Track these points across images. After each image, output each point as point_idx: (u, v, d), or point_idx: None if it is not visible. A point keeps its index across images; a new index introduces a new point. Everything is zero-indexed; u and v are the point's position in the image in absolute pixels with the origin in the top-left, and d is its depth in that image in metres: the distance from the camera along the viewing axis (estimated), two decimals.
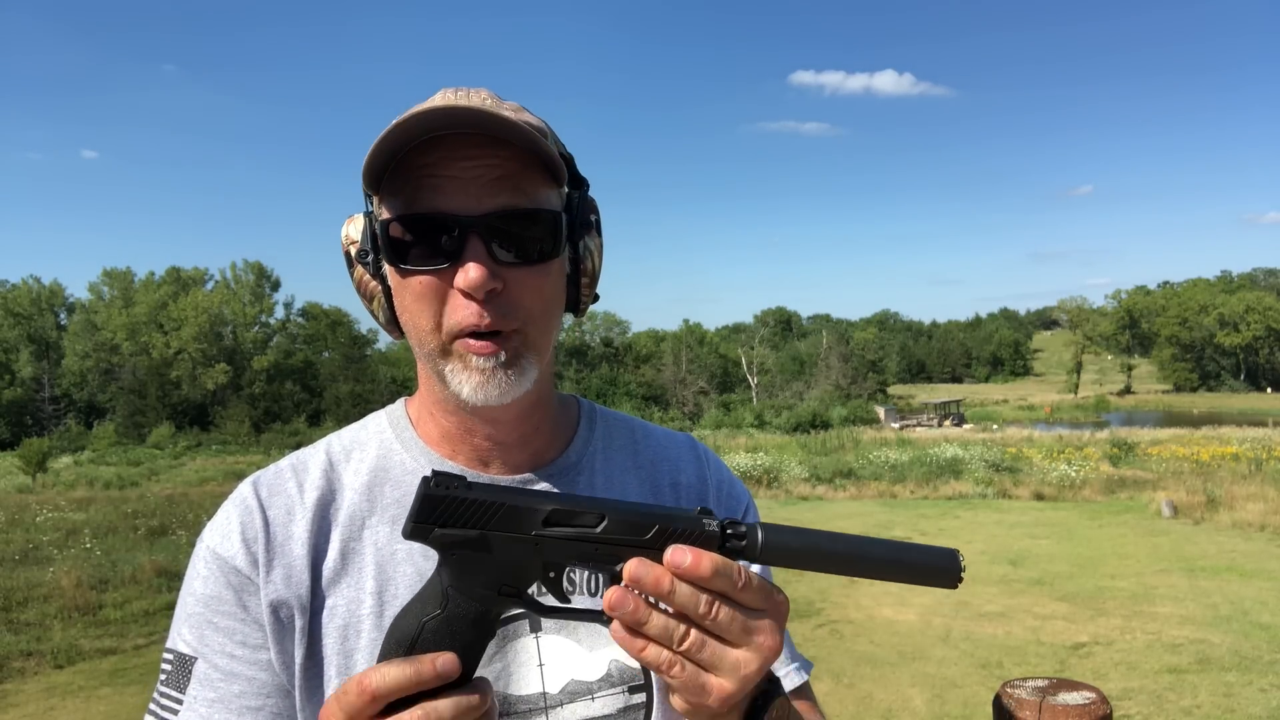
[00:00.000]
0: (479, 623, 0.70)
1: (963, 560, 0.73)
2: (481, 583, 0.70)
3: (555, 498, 0.71)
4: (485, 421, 0.95)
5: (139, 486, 26.75)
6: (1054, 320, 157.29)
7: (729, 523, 0.71)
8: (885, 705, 6.54)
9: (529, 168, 0.86)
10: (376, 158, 0.84)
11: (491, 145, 0.84)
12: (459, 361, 0.87)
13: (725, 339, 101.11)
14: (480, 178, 0.84)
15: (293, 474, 0.97)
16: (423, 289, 0.86)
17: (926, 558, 0.73)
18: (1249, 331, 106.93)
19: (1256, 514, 14.43)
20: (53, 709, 6.82)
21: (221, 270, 76.88)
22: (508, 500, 0.69)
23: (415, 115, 0.82)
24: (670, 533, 0.69)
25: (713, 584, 0.67)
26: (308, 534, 0.93)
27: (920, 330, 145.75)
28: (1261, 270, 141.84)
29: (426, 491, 0.68)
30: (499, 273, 0.84)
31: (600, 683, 0.93)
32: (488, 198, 0.84)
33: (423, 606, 0.70)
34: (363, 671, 0.68)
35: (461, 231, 0.83)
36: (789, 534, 0.71)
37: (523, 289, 0.86)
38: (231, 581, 0.91)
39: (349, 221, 0.95)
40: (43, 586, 10.54)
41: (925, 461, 22.63)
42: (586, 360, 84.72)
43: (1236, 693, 6.63)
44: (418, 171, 0.84)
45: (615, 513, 0.70)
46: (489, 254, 0.84)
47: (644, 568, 0.67)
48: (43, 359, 74.27)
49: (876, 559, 0.72)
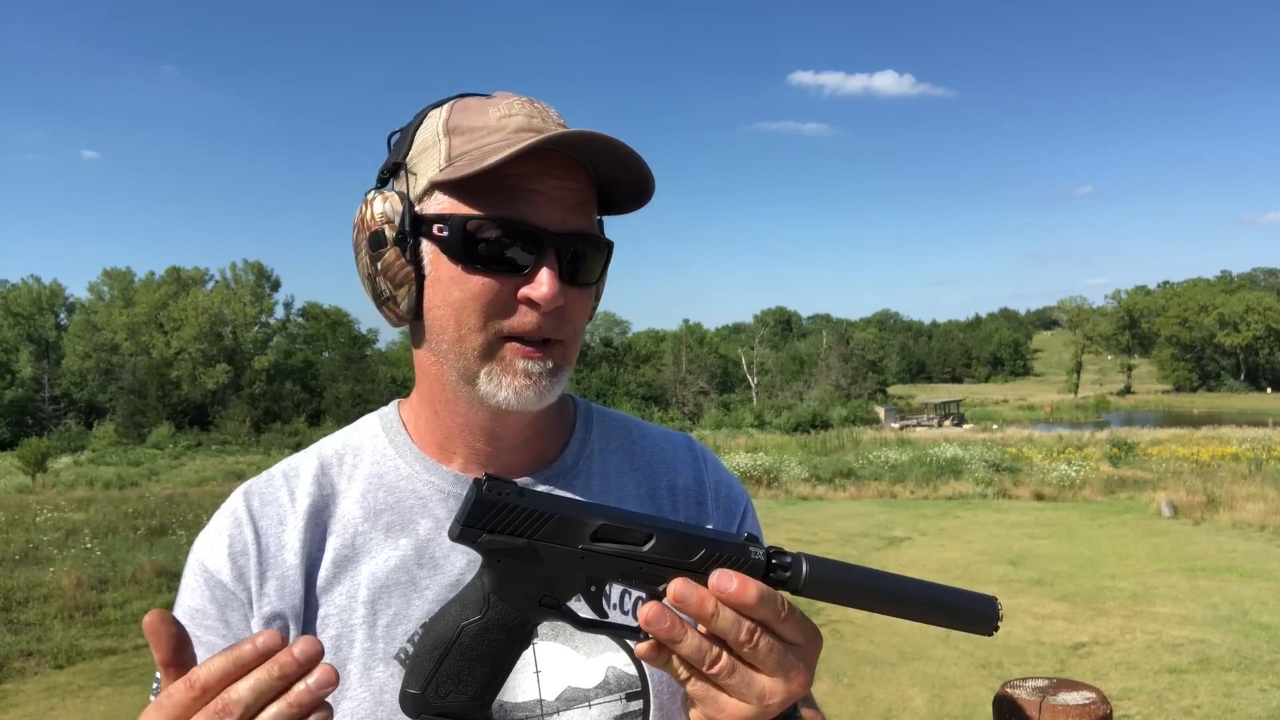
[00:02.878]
0: (516, 631, 0.70)
1: (1001, 609, 0.73)
2: (524, 592, 0.69)
3: (605, 512, 0.70)
4: (495, 424, 0.94)
5: (139, 486, 26.74)
6: (1054, 320, 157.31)
7: (774, 552, 0.70)
8: (885, 705, 6.54)
9: (594, 194, 0.92)
10: (484, 159, 0.83)
11: (572, 167, 0.88)
12: (501, 364, 0.88)
13: (725, 339, 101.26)
14: (567, 199, 0.88)
15: (284, 481, 0.96)
16: (486, 291, 0.86)
17: (966, 603, 0.72)
18: (1249, 331, 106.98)
19: (1256, 514, 14.44)
20: (53, 709, 6.81)
21: (221, 270, 76.99)
22: (559, 511, 0.68)
23: (568, 134, 0.83)
24: (716, 557, 0.69)
25: (756, 612, 0.67)
26: (300, 543, 0.92)
27: (920, 330, 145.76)
28: (1261, 270, 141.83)
29: (479, 496, 0.67)
30: (564, 290, 0.87)
31: (597, 690, 0.92)
32: (570, 218, 0.88)
33: (462, 610, 0.70)
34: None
35: (544, 246, 0.86)
36: (834, 568, 0.71)
37: (575, 306, 0.90)
38: (216, 596, 0.90)
39: (380, 198, 0.90)
40: (43, 586, 10.54)
41: (925, 461, 22.63)
42: (586, 360, 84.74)
43: (1236, 693, 6.63)
44: (510, 179, 0.85)
45: (663, 533, 0.69)
46: (561, 272, 0.87)
47: (689, 588, 0.67)
48: (43, 359, 74.30)
49: (917, 601, 0.72)
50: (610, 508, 0.73)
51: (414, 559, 0.92)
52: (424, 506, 0.95)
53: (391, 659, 0.89)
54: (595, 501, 0.96)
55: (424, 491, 0.95)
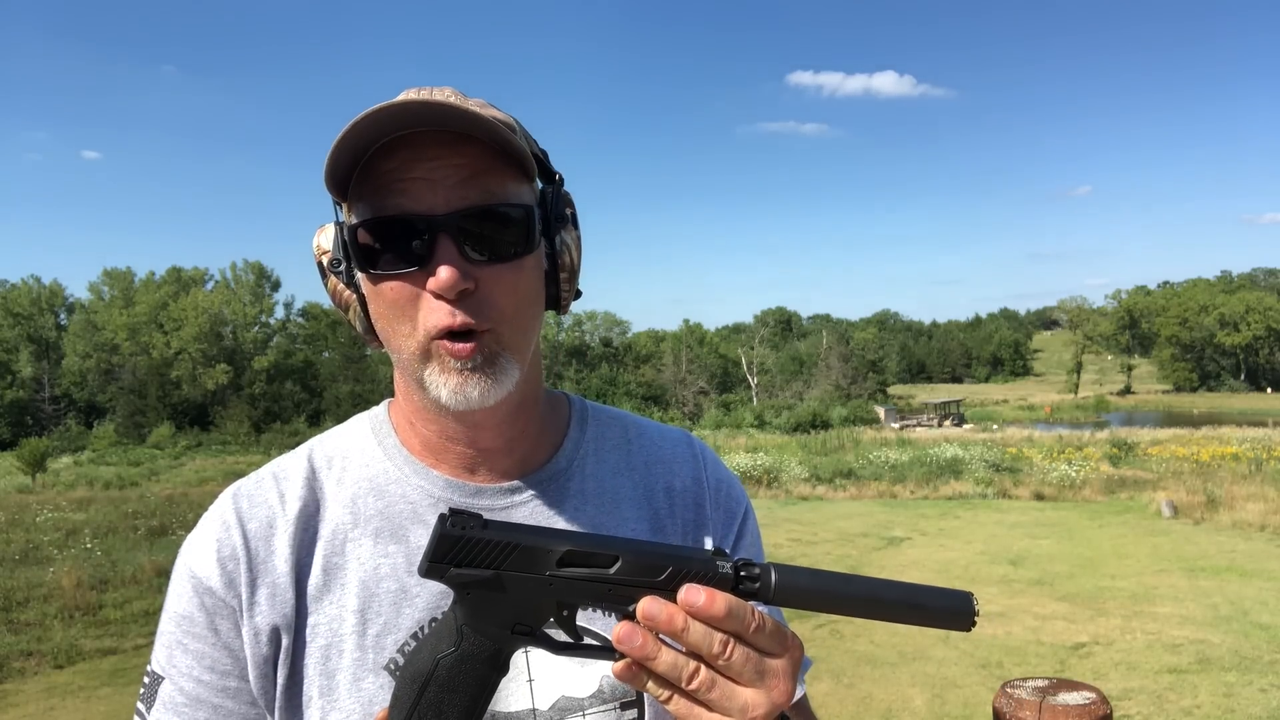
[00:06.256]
0: (493, 660, 0.71)
1: (977, 604, 0.73)
2: (496, 622, 0.70)
3: (571, 537, 0.71)
4: (468, 428, 0.92)
5: (139, 486, 26.75)
6: (1054, 320, 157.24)
7: (742, 564, 0.71)
8: (885, 705, 6.54)
9: (497, 164, 0.84)
10: (338, 161, 0.81)
11: (457, 143, 0.82)
12: (437, 364, 0.84)
13: (725, 339, 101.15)
14: (448, 177, 0.82)
15: (274, 483, 0.94)
16: (395, 294, 0.83)
17: (940, 600, 0.73)
18: (1249, 331, 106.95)
19: (1256, 514, 14.44)
20: (53, 709, 6.82)
21: (221, 270, 76.95)
22: (523, 541, 0.69)
23: (373, 113, 0.78)
24: (684, 574, 0.69)
25: (726, 624, 0.67)
26: (290, 549, 0.90)
27: (920, 330, 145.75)
28: (1261, 270, 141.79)
29: (443, 531, 0.68)
30: (471, 272, 0.82)
31: (591, 699, 0.91)
32: (456, 197, 0.82)
33: (437, 644, 0.71)
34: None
35: (431, 233, 0.81)
36: (803, 575, 0.71)
37: (496, 287, 0.84)
38: (205, 603, 0.89)
39: (320, 231, 0.92)
40: (43, 586, 10.54)
41: (925, 461, 22.64)
42: (586, 360, 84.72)
43: (1236, 693, 6.63)
44: (383, 174, 0.82)
45: (630, 554, 0.70)
46: (460, 254, 0.81)
47: (657, 605, 0.67)
48: (43, 359, 74.26)
49: (890, 602, 0.72)
50: (576, 533, 0.74)
51: (404, 567, 0.91)
52: (414, 513, 0.93)
53: (381, 669, 0.88)
54: (581, 514, 0.97)
55: (414, 497, 0.94)
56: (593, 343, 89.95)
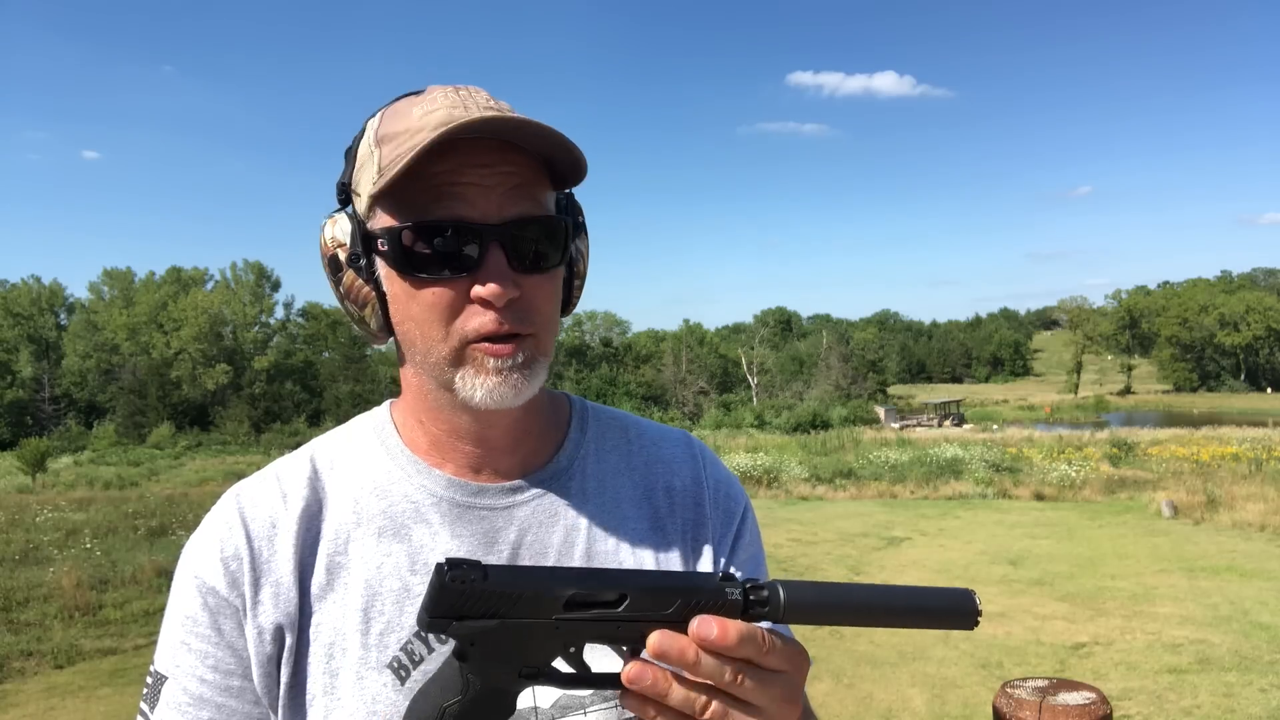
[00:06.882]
0: (498, 703, 0.70)
1: (979, 601, 0.74)
2: (502, 668, 0.69)
3: (575, 577, 0.70)
4: (480, 425, 0.93)
5: (139, 486, 26.73)
6: (1054, 320, 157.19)
7: (751, 588, 0.71)
8: (885, 705, 6.54)
9: (541, 175, 0.87)
10: (397, 167, 0.81)
11: (503, 151, 0.84)
12: (472, 366, 0.85)
13: (725, 339, 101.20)
14: (499, 185, 0.84)
15: (276, 483, 0.94)
16: (437, 298, 0.84)
17: (944, 601, 0.73)
18: (1249, 331, 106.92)
19: (1256, 514, 14.44)
20: (53, 709, 6.81)
21: (221, 270, 77.04)
22: (527, 589, 0.68)
23: (461, 125, 0.79)
24: (693, 605, 0.69)
25: (739, 652, 0.67)
26: (293, 549, 0.90)
27: (920, 330, 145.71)
28: (1261, 270, 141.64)
29: (442, 584, 0.66)
30: (517, 281, 0.84)
31: (593, 696, 0.91)
32: (508, 206, 0.84)
33: (442, 693, 0.70)
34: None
35: (484, 241, 0.83)
36: (810, 590, 0.71)
37: (536, 295, 0.87)
38: (208, 603, 0.89)
39: (331, 222, 0.91)
40: (43, 586, 10.54)
41: (925, 461, 22.63)
42: (586, 360, 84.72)
43: (1236, 693, 6.63)
44: (432, 177, 0.82)
45: (636, 590, 0.69)
46: (509, 263, 0.83)
47: (669, 640, 0.66)
48: (43, 359, 74.27)
49: (894, 608, 0.73)
50: (579, 570, 0.73)
51: (407, 566, 0.91)
52: (417, 512, 0.94)
53: (385, 668, 0.88)
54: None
55: (416, 496, 0.94)
56: (593, 343, 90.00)
